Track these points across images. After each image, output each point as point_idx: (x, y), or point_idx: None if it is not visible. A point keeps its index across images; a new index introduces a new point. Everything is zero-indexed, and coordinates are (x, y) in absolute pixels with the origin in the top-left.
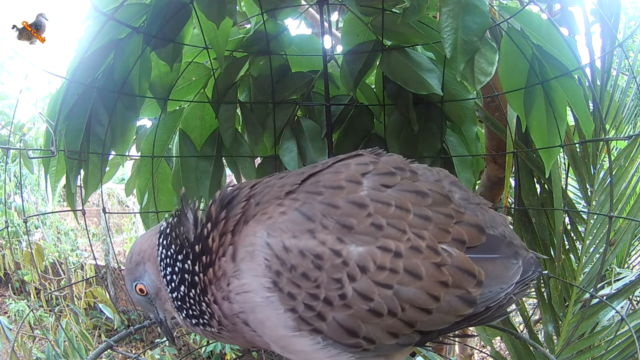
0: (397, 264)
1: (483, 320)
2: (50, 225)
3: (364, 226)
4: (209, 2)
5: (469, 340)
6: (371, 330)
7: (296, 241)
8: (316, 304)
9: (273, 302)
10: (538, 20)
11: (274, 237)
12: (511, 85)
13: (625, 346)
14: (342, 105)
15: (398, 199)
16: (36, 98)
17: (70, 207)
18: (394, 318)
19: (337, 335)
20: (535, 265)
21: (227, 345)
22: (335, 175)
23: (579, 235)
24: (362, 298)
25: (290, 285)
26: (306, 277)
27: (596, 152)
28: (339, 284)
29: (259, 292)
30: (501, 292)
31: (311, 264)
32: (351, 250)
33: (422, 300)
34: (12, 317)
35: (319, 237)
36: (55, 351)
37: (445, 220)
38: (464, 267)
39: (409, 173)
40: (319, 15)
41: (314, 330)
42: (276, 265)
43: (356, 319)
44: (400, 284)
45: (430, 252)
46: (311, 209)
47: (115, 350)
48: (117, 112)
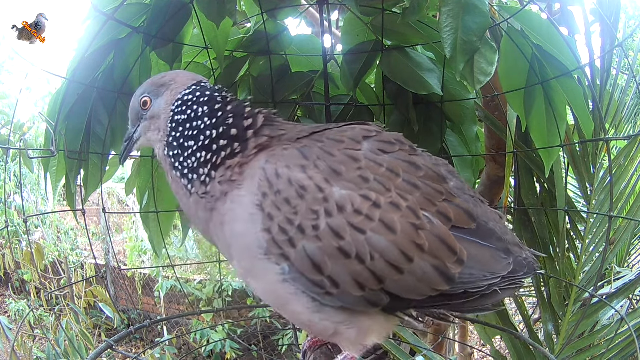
0: (374, 213)
1: (462, 307)
2: (50, 225)
3: (352, 176)
4: (209, 2)
5: (469, 339)
6: (337, 271)
7: (287, 170)
8: (290, 228)
9: (254, 219)
10: (538, 20)
11: (270, 164)
12: (511, 85)
13: (625, 345)
14: (342, 105)
15: (391, 163)
16: (36, 98)
17: (70, 206)
18: (362, 265)
19: (302, 266)
20: (528, 267)
21: (227, 344)
22: (340, 132)
23: (579, 235)
24: (333, 234)
25: (271, 207)
26: (287, 202)
27: (596, 152)
28: (315, 215)
29: (247, 208)
30: (484, 279)
31: (295, 192)
32: (334, 191)
33: (394, 255)
34: (12, 317)
35: (309, 173)
36: (55, 351)
37: (433, 193)
38: (444, 239)
39: (409, 147)
40: (319, 15)
41: (282, 256)
42: (265, 187)
43: (324, 254)
44: (373, 231)
45: (409, 212)
46: (309, 151)
47: (116, 350)
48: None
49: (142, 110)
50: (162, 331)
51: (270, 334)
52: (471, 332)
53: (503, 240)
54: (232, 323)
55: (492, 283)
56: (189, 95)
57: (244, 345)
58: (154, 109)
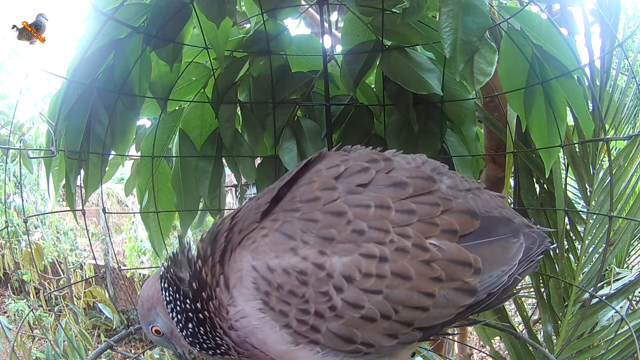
0: (383, 268)
1: (489, 306)
2: (50, 225)
3: (344, 235)
4: (209, 2)
5: (468, 340)
6: (367, 335)
7: (279, 260)
8: (308, 318)
9: (268, 322)
10: (538, 20)
11: (258, 260)
12: (511, 85)
13: (625, 346)
14: (342, 105)
15: (377, 198)
16: (36, 98)
17: (70, 207)
18: (388, 321)
19: (334, 344)
20: (539, 239)
21: None
22: (309, 186)
23: (578, 235)
24: (352, 307)
25: (280, 303)
26: (293, 293)
27: (595, 152)
28: (326, 296)
29: (254, 315)
30: (503, 275)
31: (296, 280)
32: (334, 262)
33: (415, 299)
34: (11, 317)
35: (301, 253)
36: (54, 351)
37: (430, 210)
38: (457, 258)
39: (383, 163)
40: (319, 15)
41: (311, 342)
42: (264, 286)
43: (350, 327)
44: (389, 287)
45: (417, 250)
46: (291, 227)
47: (115, 350)
48: (117, 112)
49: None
50: None
51: None
52: (470, 332)
53: (511, 223)
54: None
55: (511, 274)
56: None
57: None
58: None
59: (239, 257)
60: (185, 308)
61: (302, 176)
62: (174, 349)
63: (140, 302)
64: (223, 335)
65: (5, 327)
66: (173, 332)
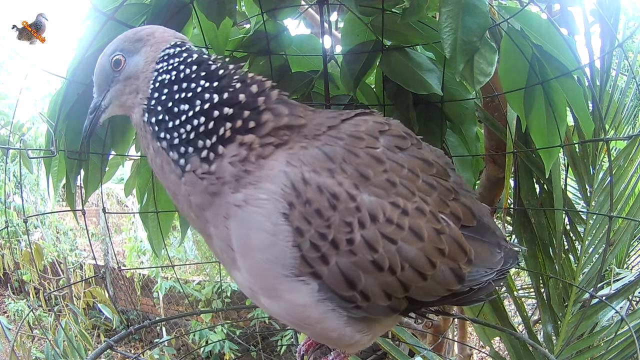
0: (403, 220)
1: (461, 301)
2: (50, 225)
3: (379, 180)
4: (209, 2)
5: (468, 340)
6: (369, 285)
7: (315, 176)
8: (323, 244)
9: (279, 233)
10: (538, 20)
11: (294, 167)
12: (511, 85)
13: (625, 346)
14: (342, 105)
15: (410, 163)
16: (36, 98)
17: (70, 207)
18: (392, 276)
19: (335, 283)
20: (513, 258)
21: (225, 345)
22: (356, 126)
23: (578, 236)
24: (367, 247)
25: (300, 219)
26: (319, 214)
27: (595, 152)
28: (349, 227)
29: (270, 216)
30: (485, 275)
31: (327, 201)
32: (364, 198)
33: (422, 263)
34: (11, 317)
35: (338, 178)
36: (54, 351)
37: (446, 192)
38: (459, 240)
39: (415, 141)
40: (319, 15)
41: (312, 274)
42: (290, 196)
43: (358, 268)
44: (404, 241)
45: (432, 217)
46: (333, 151)
47: (115, 350)
48: None
49: (113, 72)
50: (161, 332)
51: (269, 335)
52: (470, 332)
53: (496, 235)
54: (231, 324)
55: (490, 278)
56: (174, 53)
57: (243, 346)
58: (129, 68)
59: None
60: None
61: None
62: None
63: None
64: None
65: (5, 327)
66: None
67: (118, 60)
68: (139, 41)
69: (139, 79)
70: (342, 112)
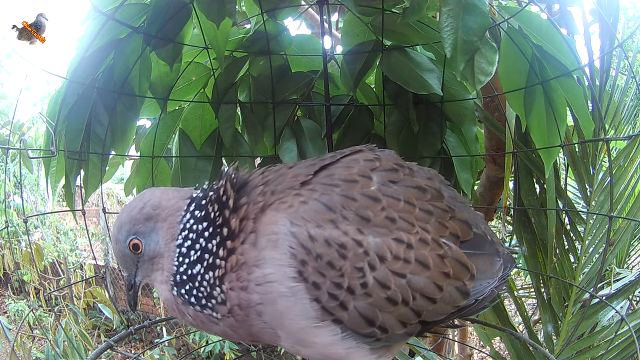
0: (409, 254)
1: (469, 312)
2: (50, 225)
3: (379, 219)
4: (209, 2)
5: (468, 340)
6: (386, 319)
7: (321, 230)
8: (339, 292)
9: (298, 292)
10: (538, 20)
11: (299, 226)
12: (511, 85)
13: (625, 346)
14: (342, 105)
15: (405, 194)
16: (36, 98)
17: (70, 207)
18: (406, 307)
19: (356, 324)
20: (511, 262)
21: (225, 345)
22: (348, 169)
23: (578, 236)
24: (381, 286)
25: (315, 274)
26: (332, 266)
27: (595, 152)
28: (361, 272)
29: (284, 282)
30: (488, 286)
31: (336, 253)
32: (370, 240)
33: (430, 289)
34: (11, 317)
35: (342, 227)
36: (54, 351)
37: (442, 215)
38: (461, 260)
39: (407, 170)
40: (319, 15)
41: (335, 321)
42: (302, 255)
43: (375, 308)
44: (412, 273)
45: (435, 244)
46: (331, 200)
47: (115, 350)
48: (117, 112)
49: (135, 254)
50: (161, 332)
51: None
52: (470, 332)
53: (493, 243)
54: None
55: (492, 286)
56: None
57: (244, 346)
58: (149, 248)
59: (274, 219)
60: (205, 247)
61: (339, 161)
62: (132, 274)
63: (137, 202)
64: (228, 291)
65: (5, 327)
66: (156, 259)
67: (136, 245)
68: (148, 220)
69: (164, 257)
70: (327, 156)
